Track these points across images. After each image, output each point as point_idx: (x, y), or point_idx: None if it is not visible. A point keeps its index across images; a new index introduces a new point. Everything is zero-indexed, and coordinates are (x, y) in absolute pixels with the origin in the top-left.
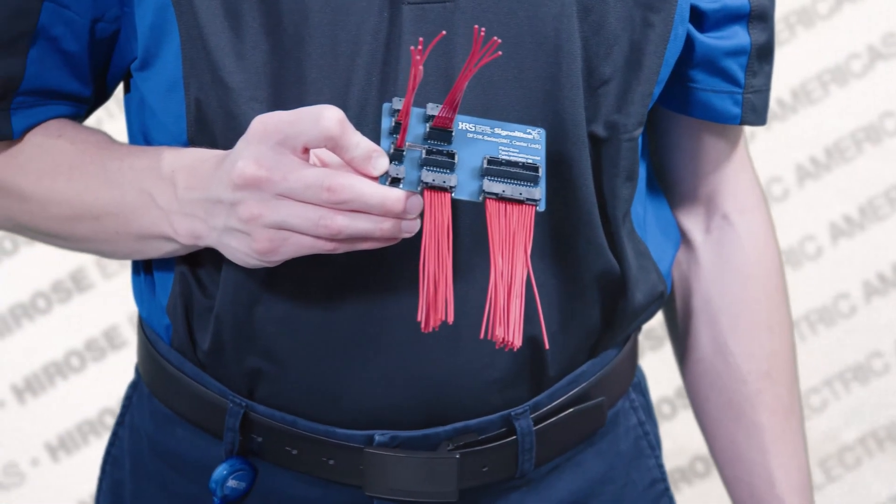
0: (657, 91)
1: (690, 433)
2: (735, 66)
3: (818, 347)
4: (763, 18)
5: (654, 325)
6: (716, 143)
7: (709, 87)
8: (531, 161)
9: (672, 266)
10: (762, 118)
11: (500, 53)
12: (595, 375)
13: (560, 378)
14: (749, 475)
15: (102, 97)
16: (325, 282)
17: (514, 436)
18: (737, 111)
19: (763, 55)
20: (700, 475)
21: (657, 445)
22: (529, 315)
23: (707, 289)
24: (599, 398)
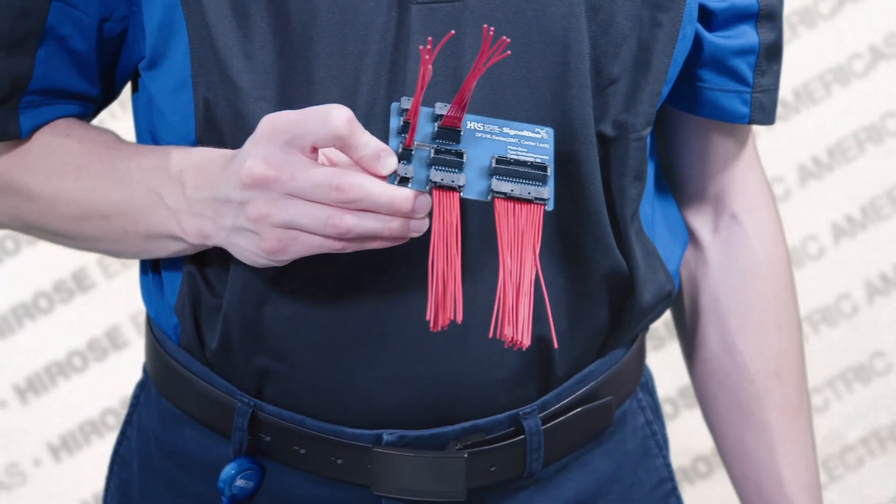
0: (665, 90)
1: (692, 433)
2: (743, 66)
3: (820, 347)
4: (771, 18)
5: (656, 326)
6: (724, 143)
7: (717, 87)
8: (540, 160)
9: (680, 265)
10: (771, 117)
11: (509, 53)
12: (603, 375)
13: (568, 377)
14: (757, 474)
15: (110, 96)
16: (334, 281)
17: (522, 435)
18: (745, 110)
19: (771, 54)
20: (702, 475)
21: (664, 445)
22: (538, 314)
23: (715, 288)
24: (607, 398)
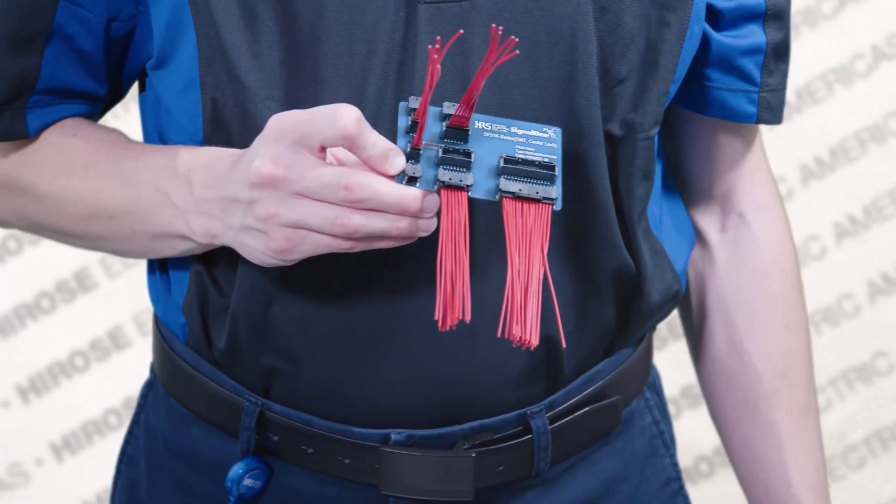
0: (673, 90)
1: (695, 433)
2: (751, 65)
3: (822, 347)
4: (779, 17)
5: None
6: (731, 142)
7: (725, 86)
8: (548, 160)
9: (687, 265)
10: (778, 117)
11: (518, 52)
12: (610, 374)
13: (576, 377)
14: (765, 474)
15: (117, 96)
16: (342, 281)
17: (530, 434)
18: (753, 110)
19: (779, 54)
20: (704, 475)
21: (672, 444)
22: (545, 314)
23: (722, 287)
24: (615, 397)
